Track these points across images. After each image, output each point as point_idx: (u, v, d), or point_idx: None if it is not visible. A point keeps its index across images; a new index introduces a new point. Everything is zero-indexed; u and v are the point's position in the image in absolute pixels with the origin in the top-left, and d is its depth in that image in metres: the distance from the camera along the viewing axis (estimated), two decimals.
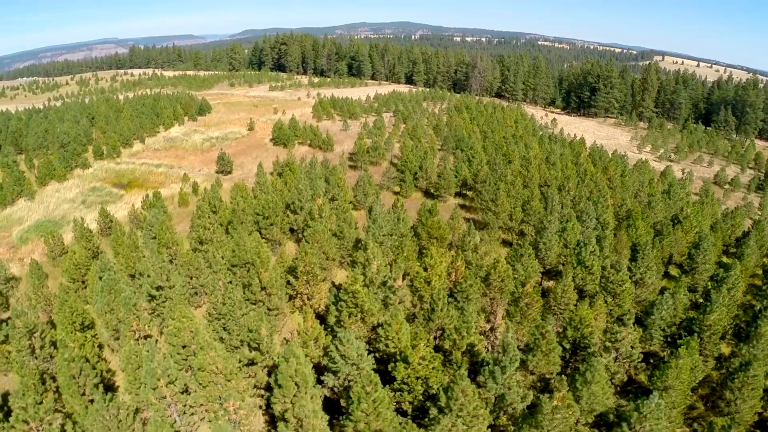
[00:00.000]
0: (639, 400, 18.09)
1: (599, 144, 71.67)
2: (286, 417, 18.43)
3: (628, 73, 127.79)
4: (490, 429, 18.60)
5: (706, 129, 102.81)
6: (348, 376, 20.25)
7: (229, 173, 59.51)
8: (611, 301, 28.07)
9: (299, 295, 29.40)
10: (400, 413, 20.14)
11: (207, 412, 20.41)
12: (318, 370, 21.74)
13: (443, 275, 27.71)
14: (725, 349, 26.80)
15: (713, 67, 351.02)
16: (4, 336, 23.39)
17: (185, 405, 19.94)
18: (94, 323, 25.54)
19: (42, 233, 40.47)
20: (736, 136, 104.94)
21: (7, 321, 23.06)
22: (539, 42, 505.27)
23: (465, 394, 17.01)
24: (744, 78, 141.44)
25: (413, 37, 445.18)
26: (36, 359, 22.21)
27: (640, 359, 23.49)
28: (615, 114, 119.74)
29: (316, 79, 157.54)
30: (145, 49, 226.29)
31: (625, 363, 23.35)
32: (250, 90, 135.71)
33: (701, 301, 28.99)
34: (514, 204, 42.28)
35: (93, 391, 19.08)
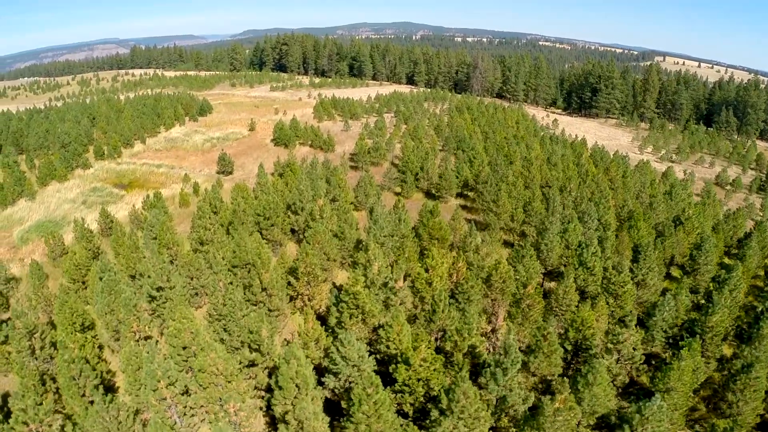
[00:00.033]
0: (641, 401, 18.05)
1: (601, 145, 71.61)
2: (286, 419, 18.41)
3: (629, 74, 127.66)
4: (491, 431, 18.55)
5: (707, 130, 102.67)
6: (349, 377, 20.21)
7: (230, 174, 59.54)
8: (613, 303, 28.05)
9: (300, 296, 29.37)
10: (401, 415, 20.09)
11: (207, 413, 20.39)
12: (319, 371, 21.70)
13: (444, 276, 27.68)
14: (727, 351, 26.77)
15: (714, 68, 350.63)
16: (4, 337, 23.39)
17: (185, 406, 19.92)
18: (94, 324, 25.54)
19: (42, 233, 40.49)
20: (737, 136, 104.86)
21: (7, 321, 23.02)
22: (540, 42, 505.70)
23: (466, 396, 16.96)
24: (745, 79, 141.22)
25: (414, 38, 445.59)
26: (36, 360, 22.20)
27: (641, 361, 23.46)
28: (616, 115, 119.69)
29: (317, 80, 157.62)
30: (147, 50, 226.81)
31: (627, 364, 23.32)
32: (251, 90, 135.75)
33: (703, 303, 28.97)
34: (515, 205, 42.22)
35: (93, 393, 19.08)
